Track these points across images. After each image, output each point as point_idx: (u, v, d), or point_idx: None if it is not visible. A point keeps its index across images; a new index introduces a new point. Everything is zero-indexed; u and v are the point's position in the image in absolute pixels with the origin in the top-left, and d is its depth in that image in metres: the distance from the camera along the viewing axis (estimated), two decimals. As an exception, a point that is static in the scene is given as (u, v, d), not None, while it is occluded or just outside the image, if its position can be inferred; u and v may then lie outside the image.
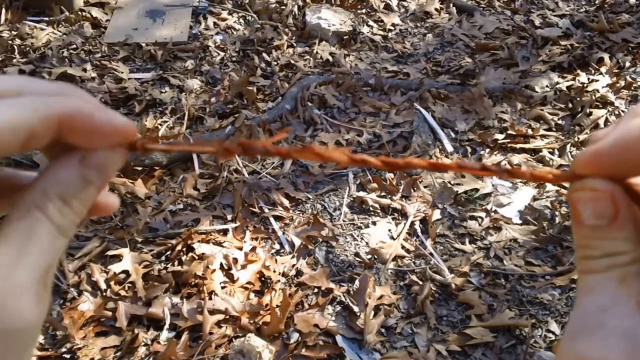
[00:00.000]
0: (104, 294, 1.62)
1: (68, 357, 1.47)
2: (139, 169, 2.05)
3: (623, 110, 2.33)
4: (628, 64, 2.63)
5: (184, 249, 1.75)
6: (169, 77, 2.62)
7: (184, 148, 0.33)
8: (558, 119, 2.33)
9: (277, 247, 1.81)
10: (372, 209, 1.95)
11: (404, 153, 2.16)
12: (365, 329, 1.54)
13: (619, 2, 3.17)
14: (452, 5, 3.26)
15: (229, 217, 1.89)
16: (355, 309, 1.59)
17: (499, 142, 2.22)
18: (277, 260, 1.74)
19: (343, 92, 2.49)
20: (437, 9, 3.25)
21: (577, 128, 2.28)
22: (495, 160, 2.14)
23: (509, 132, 2.26)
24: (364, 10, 3.22)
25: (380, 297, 1.64)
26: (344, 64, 2.72)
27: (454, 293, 1.66)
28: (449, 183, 2.01)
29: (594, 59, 2.65)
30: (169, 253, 1.75)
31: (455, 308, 1.64)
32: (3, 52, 2.68)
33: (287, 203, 1.95)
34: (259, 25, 3.01)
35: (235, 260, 1.71)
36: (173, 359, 1.46)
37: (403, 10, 3.25)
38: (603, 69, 2.59)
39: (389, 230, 1.87)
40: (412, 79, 2.62)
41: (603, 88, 2.43)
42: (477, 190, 1.99)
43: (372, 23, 3.11)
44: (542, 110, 2.36)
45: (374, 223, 1.90)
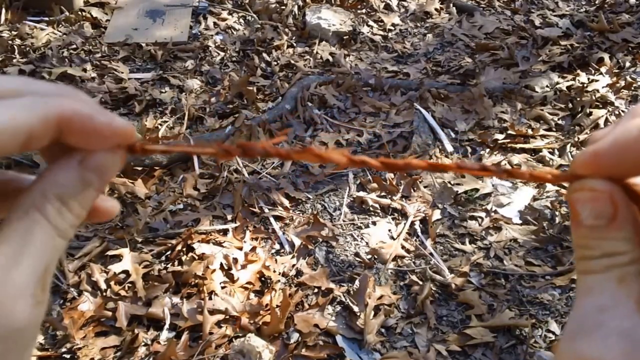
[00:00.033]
0: (104, 294, 1.62)
1: (68, 357, 1.47)
2: (139, 169, 2.05)
3: (623, 110, 2.33)
4: (628, 64, 2.63)
5: (184, 249, 1.75)
6: (169, 77, 2.62)
7: (183, 149, 0.33)
8: (558, 119, 2.33)
9: (277, 247, 1.81)
10: (372, 209, 1.95)
11: (404, 153, 2.16)
12: (365, 329, 1.54)
13: (619, 2, 3.17)
14: (452, 5, 3.26)
15: (229, 217, 1.89)
16: (355, 309, 1.59)
17: (499, 142, 2.22)
18: (277, 260, 1.74)
19: (343, 92, 2.49)
20: (437, 9, 3.25)
21: (577, 128, 2.28)
22: (495, 160, 2.14)
23: (509, 132, 2.26)
24: (364, 10, 3.22)
25: (380, 297, 1.64)
26: (344, 64, 2.72)
27: (454, 293, 1.66)
28: (449, 183, 2.01)
29: (594, 59, 2.65)
30: (169, 253, 1.75)
31: (455, 308, 1.64)
32: (3, 52, 2.68)
33: (287, 203, 1.95)
34: (259, 25, 3.01)
35: (235, 260, 1.71)
36: (173, 359, 1.46)
37: (403, 10, 3.25)
38: (603, 69, 2.59)
39: (389, 230, 1.87)
40: (412, 79, 2.62)
41: (603, 88, 2.43)
42: (477, 190, 1.99)
43: (372, 23, 3.11)
44: (542, 110, 2.36)
45: (374, 223, 1.90)
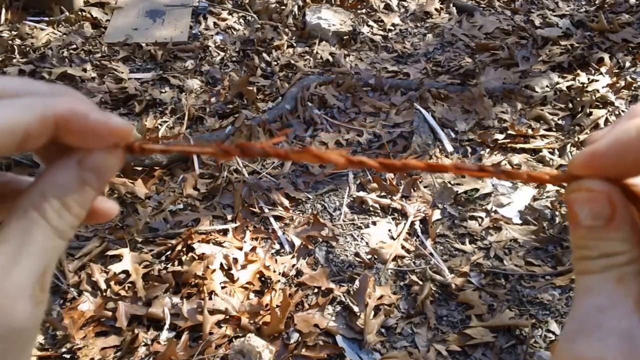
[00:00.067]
0: (104, 294, 1.62)
1: (68, 357, 1.47)
2: (139, 169, 2.05)
3: (623, 110, 2.33)
4: (628, 64, 2.63)
5: (184, 249, 1.75)
6: (169, 77, 2.62)
7: (183, 149, 0.33)
8: (558, 119, 2.33)
9: (277, 247, 1.81)
10: (372, 209, 1.95)
11: (404, 153, 2.16)
12: (365, 329, 1.54)
13: (619, 2, 3.17)
14: (452, 5, 3.26)
15: (229, 217, 1.89)
16: (355, 309, 1.59)
17: (499, 142, 2.22)
18: (277, 260, 1.74)
19: (343, 92, 2.49)
20: (437, 9, 3.25)
21: (577, 128, 2.28)
22: (496, 160, 2.14)
23: (509, 132, 2.26)
24: (364, 10, 3.22)
25: (380, 297, 1.64)
26: (344, 64, 2.72)
27: (454, 293, 1.66)
28: (449, 183, 2.01)
29: (594, 59, 2.65)
30: (169, 253, 1.75)
31: (455, 308, 1.64)
32: (3, 52, 2.68)
33: (287, 203, 1.95)
34: (259, 25, 3.01)
35: (235, 260, 1.71)
36: (173, 359, 1.46)
37: (403, 10, 3.25)
38: (603, 69, 2.59)
39: (389, 230, 1.87)
40: (412, 79, 2.62)
41: (603, 88, 2.43)
42: (477, 190, 1.99)
43: (372, 23, 3.11)
44: (542, 110, 2.36)
45: (374, 223, 1.90)
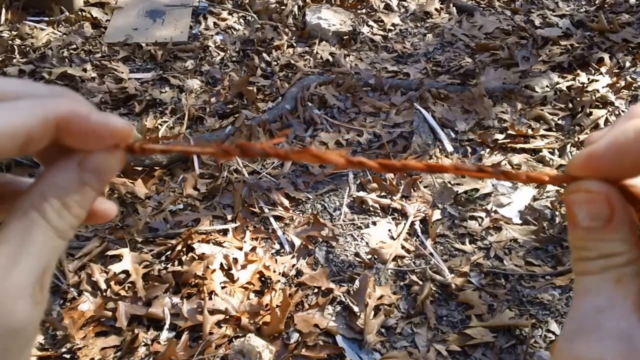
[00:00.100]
0: (104, 294, 1.62)
1: (68, 357, 1.48)
2: (139, 169, 2.05)
3: (623, 110, 2.33)
4: (628, 64, 2.63)
5: (184, 249, 1.75)
6: (169, 77, 2.62)
7: (183, 149, 0.33)
8: (558, 119, 2.33)
9: (277, 247, 1.81)
10: (372, 209, 1.95)
11: (404, 153, 2.16)
12: (365, 329, 1.54)
13: (619, 2, 3.17)
14: (452, 5, 3.26)
15: (229, 217, 1.89)
16: (355, 309, 1.59)
17: (499, 142, 2.22)
18: (277, 260, 1.74)
19: (343, 92, 2.49)
20: (437, 9, 3.25)
21: (577, 128, 2.28)
22: (496, 160, 2.14)
23: (509, 132, 2.26)
24: (364, 10, 3.22)
25: (380, 297, 1.64)
26: (344, 64, 2.72)
27: (454, 293, 1.66)
28: (449, 183, 2.01)
29: (594, 59, 2.65)
30: (169, 253, 1.75)
31: (455, 308, 1.64)
32: (3, 52, 2.68)
33: (287, 203, 1.95)
34: (259, 25, 3.01)
35: (235, 260, 1.71)
36: (173, 359, 1.46)
37: (403, 10, 3.25)
38: (603, 69, 2.59)
39: (389, 230, 1.87)
40: (412, 79, 2.62)
41: (603, 88, 2.43)
42: (477, 190, 1.99)
43: (372, 23, 3.11)
44: (542, 110, 2.36)
45: (374, 223, 1.90)
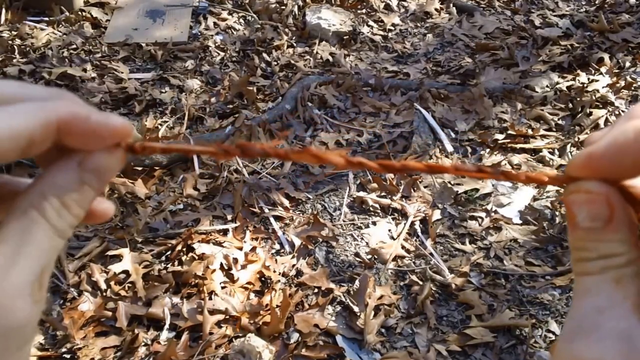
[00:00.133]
0: (104, 294, 1.62)
1: (68, 357, 1.48)
2: (139, 169, 2.05)
3: (623, 111, 2.33)
4: (628, 64, 2.63)
5: (184, 249, 1.75)
6: (169, 77, 2.62)
7: (183, 148, 0.34)
8: (558, 119, 2.33)
9: (277, 247, 1.81)
10: (372, 209, 1.95)
11: (404, 153, 2.16)
12: (365, 329, 1.54)
13: (619, 2, 3.17)
14: (452, 5, 3.26)
15: (229, 217, 1.89)
16: (356, 309, 1.59)
17: (499, 142, 2.22)
18: (277, 260, 1.74)
19: (343, 92, 2.49)
20: (437, 9, 3.25)
21: (577, 128, 2.28)
22: (496, 160, 2.14)
23: (509, 132, 2.26)
24: (364, 10, 3.22)
25: (380, 297, 1.64)
26: (344, 64, 2.72)
27: (454, 293, 1.66)
28: (449, 183, 2.02)
29: (594, 59, 2.65)
30: (169, 253, 1.75)
31: (456, 308, 1.64)
32: (3, 52, 2.68)
33: (287, 203, 1.95)
34: (259, 25, 3.01)
35: (235, 260, 1.71)
36: (173, 359, 1.46)
37: (403, 10, 3.25)
38: (603, 69, 2.59)
39: (389, 230, 1.87)
40: (412, 79, 2.62)
41: (603, 88, 2.43)
42: (477, 190, 1.99)
43: (372, 23, 3.11)
44: (542, 110, 2.36)
45: (374, 223, 1.90)
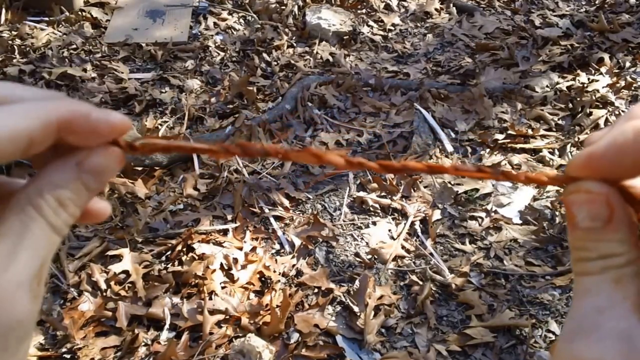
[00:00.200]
0: (104, 294, 1.62)
1: (68, 357, 1.48)
2: (139, 169, 2.05)
3: (623, 111, 2.33)
4: (628, 64, 2.63)
5: (184, 249, 1.75)
6: (169, 77, 2.62)
7: (184, 146, 0.34)
8: (558, 119, 2.33)
9: (277, 247, 1.81)
10: (372, 209, 1.95)
11: (404, 153, 2.16)
12: (366, 329, 1.54)
13: (619, 2, 3.17)
14: (452, 5, 3.26)
15: (229, 217, 1.89)
16: (356, 309, 1.59)
17: (499, 142, 2.22)
18: (277, 260, 1.74)
19: (343, 92, 2.49)
20: (437, 9, 3.25)
21: (577, 128, 2.28)
22: (496, 161, 2.14)
23: (509, 132, 2.26)
24: (364, 10, 3.22)
25: (381, 297, 1.64)
26: (344, 64, 2.72)
27: (454, 293, 1.66)
28: (449, 183, 2.02)
29: (594, 59, 2.65)
30: (169, 253, 1.75)
31: (456, 308, 1.64)
32: (3, 52, 2.68)
33: (287, 203, 1.95)
34: (259, 25, 3.01)
35: (236, 260, 1.71)
36: (173, 359, 1.46)
37: (403, 10, 3.25)
38: (603, 69, 2.59)
39: (389, 230, 1.87)
40: (412, 79, 2.62)
41: (603, 88, 2.43)
42: (477, 190, 1.99)
43: (372, 23, 3.11)
44: (542, 110, 2.36)
45: (374, 223, 1.90)
